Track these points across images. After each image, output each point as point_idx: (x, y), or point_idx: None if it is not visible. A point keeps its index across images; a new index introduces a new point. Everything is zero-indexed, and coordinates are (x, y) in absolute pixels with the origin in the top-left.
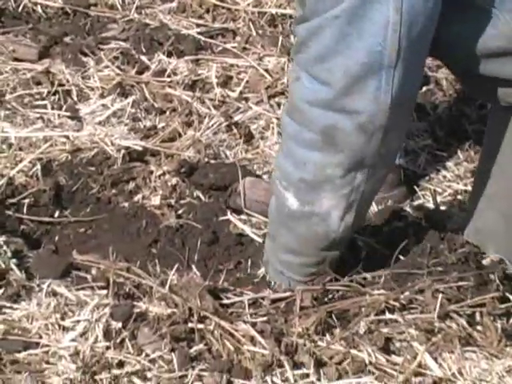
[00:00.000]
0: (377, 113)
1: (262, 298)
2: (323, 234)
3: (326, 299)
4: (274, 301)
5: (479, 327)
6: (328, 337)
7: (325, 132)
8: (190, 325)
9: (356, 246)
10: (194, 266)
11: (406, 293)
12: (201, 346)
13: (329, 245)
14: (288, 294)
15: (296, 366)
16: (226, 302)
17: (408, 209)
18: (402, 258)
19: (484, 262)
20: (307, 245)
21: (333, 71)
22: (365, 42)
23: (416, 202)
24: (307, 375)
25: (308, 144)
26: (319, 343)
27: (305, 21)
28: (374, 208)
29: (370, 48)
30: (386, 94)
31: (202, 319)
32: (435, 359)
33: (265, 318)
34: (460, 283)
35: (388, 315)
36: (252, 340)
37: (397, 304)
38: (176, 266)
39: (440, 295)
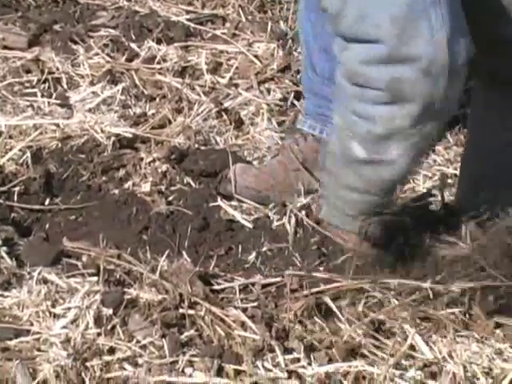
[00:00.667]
0: (436, 53)
1: (253, 284)
2: (390, 177)
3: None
4: (264, 286)
5: (471, 311)
6: (318, 321)
7: (390, 87)
8: (180, 311)
9: None
10: (184, 253)
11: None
12: (191, 331)
13: (392, 187)
14: (278, 279)
15: (287, 350)
16: (216, 287)
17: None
18: None
19: None
20: (372, 186)
21: (379, 25)
22: None
23: (406, 186)
24: (298, 360)
25: (375, 101)
26: (310, 327)
27: None
28: None
29: None
30: (439, 31)
31: (192, 305)
32: (426, 342)
33: (255, 304)
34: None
35: (378, 295)
36: (243, 325)
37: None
38: (167, 252)
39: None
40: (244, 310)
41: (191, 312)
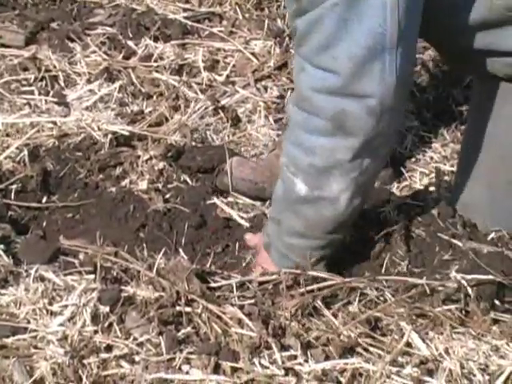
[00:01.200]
0: (385, 95)
1: (250, 281)
2: (331, 217)
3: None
4: (261, 283)
5: (468, 308)
6: (315, 319)
7: (335, 118)
8: (177, 308)
9: None
10: (181, 250)
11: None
12: (188, 329)
13: (336, 227)
14: (275, 276)
15: (283, 347)
16: (213, 285)
17: (395, 190)
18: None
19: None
20: (314, 228)
21: (338, 58)
22: (365, 25)
23: (403, 184)
24: (295, 357)
25: (318, 130)
26: (306, 325)
27: (302, 13)
28: None
29: (372, 30)
30: (391, 75)
31: (189, 302)
32: (422, 339)
33: (252, 301)
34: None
35: (374, 292)
36: (239, 322)
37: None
38: (163, 250)
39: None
40: (241, 308)
41: (188, 309)
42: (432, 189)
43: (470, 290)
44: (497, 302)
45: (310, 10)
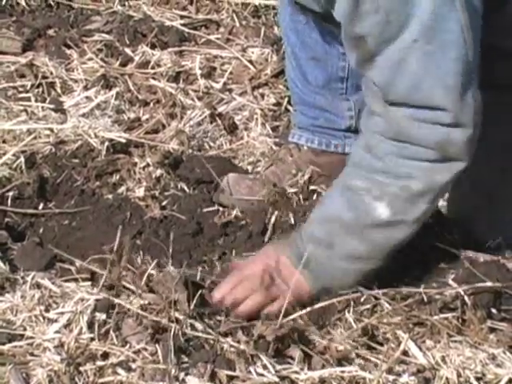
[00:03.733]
0: (478, 122)
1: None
2: (402, 239)
3: None
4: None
5: (465, 317)
6: (312, 327)
7: (438, 145)
8: (173, 316)
9: None
10: (169, 262)
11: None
12: (185, 337)
13: (398, 249)
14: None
15: (280, 356)
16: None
17: None
18: None
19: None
20: (377, 252)
21: (435, 94)
22: (451, 53)
23: None
24: (291, 365)
25: (418, 158)
26: (304, 334)
27: (369, 60)
28: None
29: (457, 56)
30: (478, 100)
31: (184, 311)
32: (419, 347)
33: None
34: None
35: (371, 301)
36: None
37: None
38: (156, 260)
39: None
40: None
41: (182, 317)
42: None
43: (466, 299)
44: (493, 310)
45: (378, 54)
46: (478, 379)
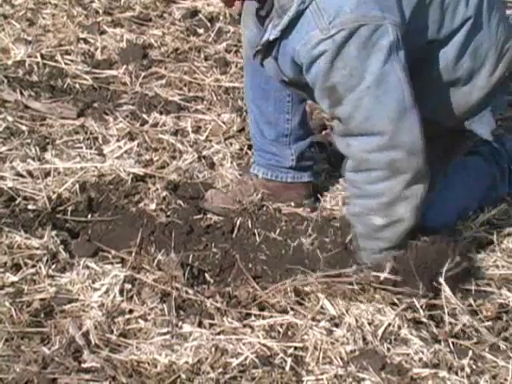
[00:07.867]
0: (416, 140)
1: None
2: (405, 228)
3: None
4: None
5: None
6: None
7: (388, 166)
8: (174, 286)
9: None
10: (173, 250)
11: None
12: (181, 299)
13: (408, 232)
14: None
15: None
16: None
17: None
18: None
19: None
20: (394, 240)
21: (379, 124)
22: (392, 94)
23: None
24: (250, 316)
25: (379, 179)
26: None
27: (339, 103)
28: None
29: (397, 97)
30: (416, 126)
31: (182, 284)
32: (331, 304)
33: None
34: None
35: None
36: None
37: None
38: (163, 250)
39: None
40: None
41: (180, 286)
42: None
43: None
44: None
45: (344, 97)
46: (369, 324)
